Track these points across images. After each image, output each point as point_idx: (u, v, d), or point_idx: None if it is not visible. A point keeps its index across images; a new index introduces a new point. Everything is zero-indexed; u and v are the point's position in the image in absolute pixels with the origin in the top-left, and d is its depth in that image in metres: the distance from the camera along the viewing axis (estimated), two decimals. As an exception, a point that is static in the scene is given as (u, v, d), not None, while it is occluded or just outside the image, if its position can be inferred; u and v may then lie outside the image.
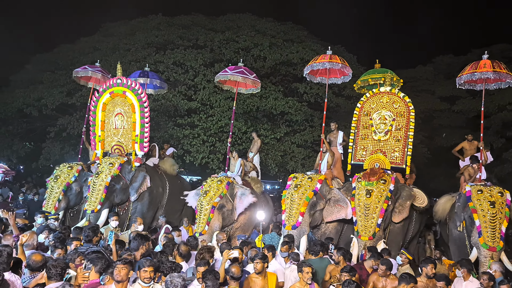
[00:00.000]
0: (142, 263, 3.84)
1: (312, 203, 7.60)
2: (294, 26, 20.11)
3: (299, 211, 7.43)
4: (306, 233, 7.43)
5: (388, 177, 7.63)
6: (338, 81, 9.57)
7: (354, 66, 18.24)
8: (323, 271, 5.36)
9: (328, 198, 7.86)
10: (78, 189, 9.09)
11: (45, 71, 17.54)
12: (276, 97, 15.55)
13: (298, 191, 7.62)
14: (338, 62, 8.47)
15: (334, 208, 7.76)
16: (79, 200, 9.16)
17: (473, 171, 8.20)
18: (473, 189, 7.38)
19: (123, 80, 9.14)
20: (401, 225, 7.86)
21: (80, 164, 9.38)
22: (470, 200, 7.27)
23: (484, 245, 6.82)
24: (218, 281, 3.81)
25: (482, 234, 6.88)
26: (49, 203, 8.66)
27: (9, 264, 3.59)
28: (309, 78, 9.52)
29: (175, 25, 18.48)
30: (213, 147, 15.00)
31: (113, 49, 17.70)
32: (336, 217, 7.76)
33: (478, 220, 7.00)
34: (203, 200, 8.06)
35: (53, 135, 15.96)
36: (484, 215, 6.99)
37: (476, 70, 7.76)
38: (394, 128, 8.11)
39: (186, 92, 15.68)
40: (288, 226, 7.40)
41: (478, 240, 6.92)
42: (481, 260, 6.82)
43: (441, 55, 21.85)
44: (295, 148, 15.37)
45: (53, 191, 8.82)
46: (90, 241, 5.22)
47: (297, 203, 7.51)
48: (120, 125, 9.32)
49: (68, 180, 8.95)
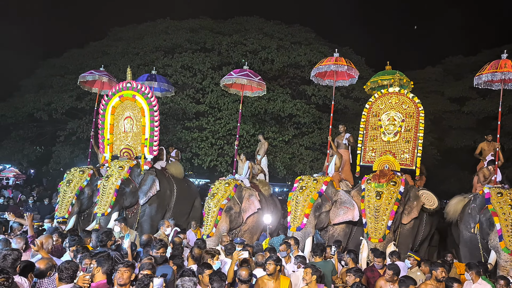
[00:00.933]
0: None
1: (317, 205, 7.56)
2: (301, 28, 20.10)
3: (304, 213, 7.40)
4: (311, 235, 7.39)
5: (398, 178, 7.54)
6: (345, 83, 9.57)
7: (362, 68, 18.19)
8: (329, 273, 5.31)
9: (335, 200, 7.82)
10: (90, 193, 9.11)
11: (54, 75, 17.77)
12: (284, 99, 15.54)
13: (303, 193, 7.61)
14: (344, 64, 8.45)
15: (341, 210, 7.72)
16: (90, 203, 9.19)
17: (488, 173, 8.06)
18: (492, 191, 7.20)
19: (133, 84, 9.19)
20: (410, 227, 7.77)
21: (91, 168, 9.41)
22: (489, 202, 7.10)
23: (505, 249, 6.63)
24: (224, 283, 3.79)
25: (504, 238, 6.68)
26: (62, 208, 8.65)
27: (16, 268, 3.60)
28: (317, 81, 9.51)
29: (183, 29, 18.58)
30: (221, 150, 15.02)
31: (121, 53, 17.87)
32: (342, 219, 7.72)
33: (499, 223, 6.80)
34: (210, 202, 8.07)
35: (63, 139, 16.14)
36: (506, 218, 6.79)
37: (497, 70, 7.58)
38: (404, 129, 8.02)
39: (194, 95, 15.75)
40: (293, 228, 7.38)
41: (499, 244, 6.73)
42: (501, 264, 6.66)
43: (450, 56, 21.66)
44: (303, 150, 15.32)
45: (66, 195, 8.79)
46: (105, 245, 5.24)
47: (302, 205, 7.49)
48: (129, 129, 9.35)
49: (80, 184, 8.94)
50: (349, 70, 8.63)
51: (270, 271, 4.45)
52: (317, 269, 4.49)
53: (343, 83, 9.52)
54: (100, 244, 5.26)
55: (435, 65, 21.47)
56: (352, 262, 5.58)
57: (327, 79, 9.49)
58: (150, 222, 9.00)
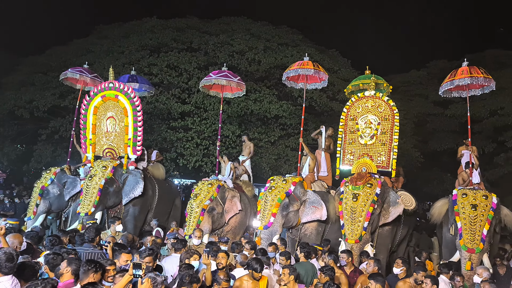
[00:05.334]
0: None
1: (284, 204, 7.77)
2: (289, 30, 20.14)
3: (271, 212, 7.61)
4: (278, 233, 7.57)
5: (374, 181, 7.72)
6: (318, 86, 9.76)
7: (348, 70, 18.34)
8: (309, 274, 5.32)
9: (303, 200, 8.01)
10: (57, 191, 9.07)
11: (37, 73, 17.38)
12: (270, 100, 15.53)
13: (272, 193, 7.84)
14: (311, 68, 8.57)
15: (309, 209, 7.93)
16: (64, 203, 9.11)
17: (466, 176, 8.31)
18: (459, 192, 7.58)
19: (115, 84, 9.14)
20: (389, 228, 7.94)
21: (66, 168, 9.39)
22: (455, 203, 7.46)
23: (463, 246, 7.00)
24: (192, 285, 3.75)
25: (463, 236, 7.07)
26: (29, 208, 8.94)
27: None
28: (290, 84, 9.71)
29: (169, 28, 18.41)
30: (207, 150, 14.96)
31: (106, 52, 17.61)
32: (311, 218, 7.92)
33: (460, 222, 7.20)
34: (193, 203, 8.15)
35: (45, 138, 15.82)
36: (465, 217, 7.17)
37: (455, 77, 7.98)
38: (380, 132, 8.24)
39: (180, 95, 15.63)
40: (260, 226, 7.59)
41: (459, 242, 7.11)
42: (462, 261, 7.01)
43: (434, 60, 22.02)
44: (289, 151, 15.36)
45: (33, 195, 9.04)
46: (92, 241, 5.08)
47: (270, 204, 7.71)
48: (112, 129, 9.30)
49: (43, 183, 9.03)
50: (316, 73, 8.75)
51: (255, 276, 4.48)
52: (294, 269, 4.51)
53: (316, 85, 9.69)
54: (88, 239, 5.07)
55: (420, 68, 21.80)
56: (334, 264, 5.59)
57: (301, 82, 9.62)
58: (134, 222, 9.00)
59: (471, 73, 7.76)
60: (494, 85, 8.05)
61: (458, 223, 7.20)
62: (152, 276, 3.48)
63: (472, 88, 8.42)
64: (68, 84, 11.12)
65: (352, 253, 6.17)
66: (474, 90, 8.55)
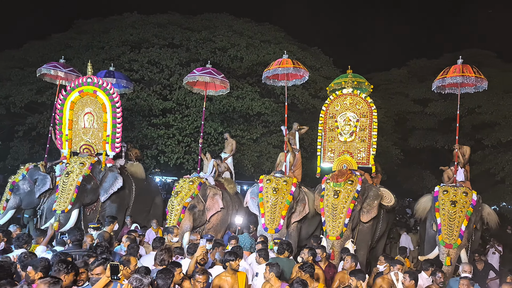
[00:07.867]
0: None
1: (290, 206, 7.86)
2: (271, 27, 20.11)
3: (281, 215, 7.63)
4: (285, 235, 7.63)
5: (355, 178, 7.81)
6: (299, 82, 9.77)
7: (330, 68, 18.45)
8: (290, 270, 5.33)
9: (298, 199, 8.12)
10: (27, 188, 8.88)
11: (13, 68, 16.87)
12: (253, 97, 15.48)
13: (277, 195, 7.79)
14: (290, 66, 8.57)
15: (300, 207, 8.11)
16: (35, 200, 8.92)
17: (451, 173, 8.46)
18: (440, 189, 7.68)
19: (94, 79, 8.94)
20: (370, 224, 8.02)
21: (41, 164, 9.18)
22: (436, 200, 7.58)
23: (441, 242, 7.13)
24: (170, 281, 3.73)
25: (441, 232, 7.19)
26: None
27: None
28: (270, 82, 9.69)
29: (150, 24, 18.16)
30: (188, 147, 14.83)
31: (86, 47, 17.25)
32: (301, 216, 8.11)
33: (439, 218, 7.31)
34: (174, 200, 8.04)
35: (22, 134, 15.40)
36: (444, 213, 7.29)
37: (447, 75, 8.02)
38: (359, 129, 8.35)
39: (161, 91, 15.44)
40: (271, 229, 7.51)
41: (438, 237, 7.23)
42: (440, 257, 7.14)
43: (415, 59, 22.35)
44: (271, 148, 15.36)
45: (5, 191, 8.90)
46: (79, 245, 4.96)
47: (278, 207, 7.68)
48: (90, 125, 9.11)
49: (14, 178, 8.90)
50: (296, 71, 8.76)
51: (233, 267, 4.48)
52: (276, 266, 4.50)
53: (297, 82, 9.71)
54: (75, 242, 4.93)
55: (401, 67, 22.11)
56: (312, 260, 5.60)
57: (282, 80, 9.64)
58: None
59: (463, 72, 7.79)
60: (486, 85, 8.03)
61: (438, 219, 7.33)
62: (139, 278, 3.40)
63: (465, 86, 8.36)
64: (48, 80, 10.81)
65: (325, 249, 6.26)
66: (468, 88, 8.48)
